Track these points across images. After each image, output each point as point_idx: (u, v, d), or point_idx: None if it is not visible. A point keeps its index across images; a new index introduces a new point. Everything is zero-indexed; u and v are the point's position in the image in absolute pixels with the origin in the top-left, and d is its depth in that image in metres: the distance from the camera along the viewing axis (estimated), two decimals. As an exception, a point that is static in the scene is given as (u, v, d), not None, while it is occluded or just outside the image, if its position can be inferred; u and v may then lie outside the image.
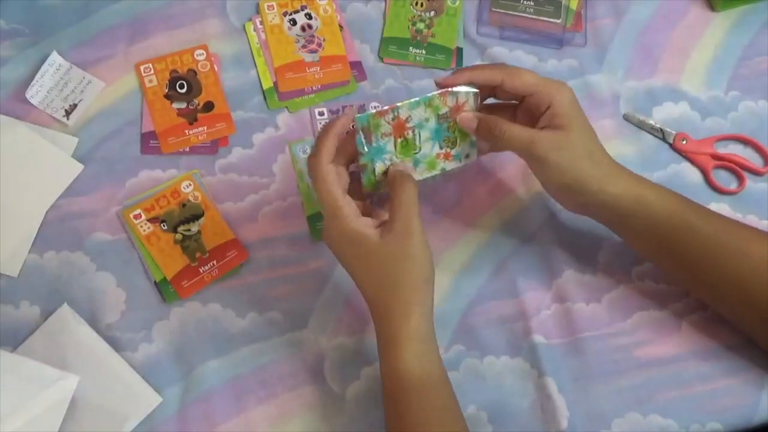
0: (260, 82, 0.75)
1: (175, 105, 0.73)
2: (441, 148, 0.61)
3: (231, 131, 0.72)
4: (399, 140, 0.60)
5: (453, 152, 0.62)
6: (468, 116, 0.60)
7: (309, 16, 0.77)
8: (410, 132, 0.60)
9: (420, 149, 0.61)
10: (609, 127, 0.73)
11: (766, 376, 0.62)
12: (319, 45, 0.76)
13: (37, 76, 0.72)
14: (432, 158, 0.62)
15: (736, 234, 0.60)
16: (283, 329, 0.65)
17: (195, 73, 0.74)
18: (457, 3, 0.78)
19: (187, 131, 0.72)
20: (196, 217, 0.68)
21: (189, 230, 0.68)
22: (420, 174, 0.62)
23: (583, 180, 0.58)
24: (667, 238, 0.60)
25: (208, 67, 0.75)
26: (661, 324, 0.65)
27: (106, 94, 0.74)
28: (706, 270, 0.60)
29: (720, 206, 0.70)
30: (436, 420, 0.55)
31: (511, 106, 0.62)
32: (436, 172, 0.62)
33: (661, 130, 0.73)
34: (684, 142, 0.72)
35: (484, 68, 0.60)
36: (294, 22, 0.77)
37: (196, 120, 0.72)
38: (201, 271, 0.66)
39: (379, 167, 0.60)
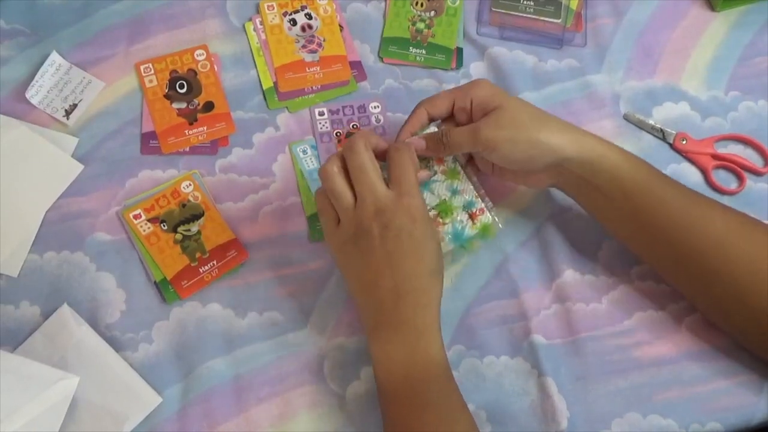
0: (260, 82, 0.75)
1: (175, 105, 0.73)
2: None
3: (231, 131, 0.72)
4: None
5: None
6: (415, 139, 0.62)
7: (309, 16, 0.77)
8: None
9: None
10: (609, 127, 0.73)
11: (766, 377, 0.62)
12: (319, 45, 0.76)
13: (37, 76, 0.72)
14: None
15: (700, 203, 0.60)
16: (283, 329, 0.65)
17: (195, 73, 0.74)
18: (457, 3, 0.78)
19: (187, 131, 0.72)
20: (196, 217, 0.68)
21: (189, 230, 0.68)
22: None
23: (538, 140, 0.59)
24: (629, 198, 0.60)
25: (208, 67, 0.75)
26: (661, 324, 0.65)
27: (106, 94, 0.74)
28: (667, 237, 0.60)
29: (720, 206, 0.70)
30: (461, 406, 0.56)
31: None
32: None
33: (661, 130, 0.73)
34: (684, 142, 0.72)
35: (410, 119, 0.63)
36: (294, 22, 0.77)
37: (196, 120, 0.72)
38: (201, 271, 0.66)
39: None
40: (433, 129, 0.63)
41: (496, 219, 0.64)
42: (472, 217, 0.63)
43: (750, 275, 0.57)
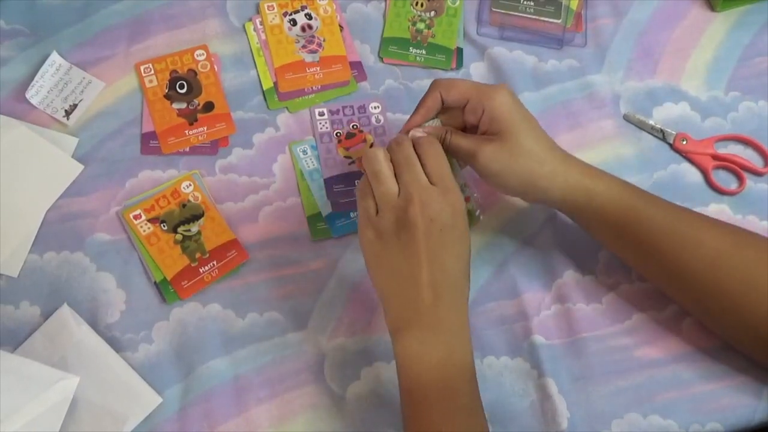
0: (260, 82, 0.75)
1: (175, 105, 0.73)
2: None
3: (231, 131, 0.72)
4: None
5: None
6: (417, 133, 0.61)
7: (309, 17, 0.77)
8: None
9: None
10: (609, 127, 0.73)
11: (766, 377, 0.62)
12: (319, 45, 0.76)
13: (37, 76, 0.72)
14: None
15: (690, 223, 0.60)
16: (283, 329, 0.65)
17: (195, 73, 0.74)
18: (458, 3, 0.78)
19: (187, 131, 0.72)
20: (196, 218, 0.68)
21: (189, 230, 0.68)
22: None
23: (529, 181, 0.59)
24: (619, 228, 0.60)
25: (208, 67, 0.75)
26: (661, 324, 0.65)
27: (106, 94, 0.74)
28: (660, 259, 0.60)
29: (720, 207, 0.70)
30: (483, 409, 0.55)
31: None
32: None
33: (661, 130, 0.73)
34: (684, 143, 0.72)
35: (425, 101, 0.62)
36: (294, 23, 0.77)
37: (196, 120, 0.72)
38: (201, 272, 0.66)
39: None
40: (435, 122, 0.62)
41: (479, 208, 0.64)
42: None
43: (744, 291, 0.57)
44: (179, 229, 0.68)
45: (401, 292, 0.55)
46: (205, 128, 0.72)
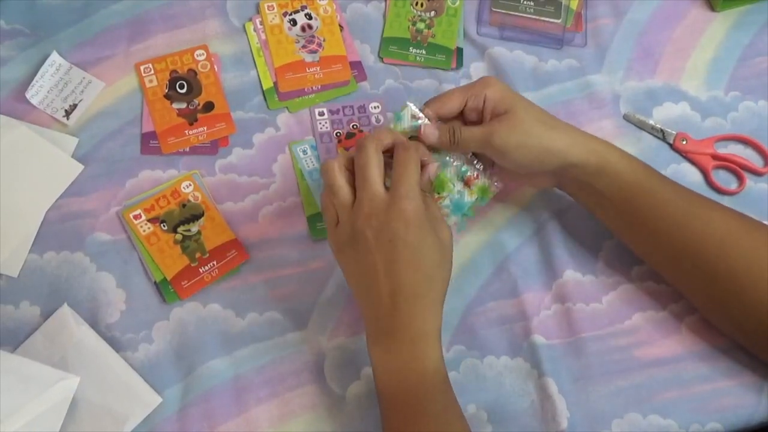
0: (260, 82, 0.75)
1: (175, 105, 0.73)
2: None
3: (231, 131, 0.72)
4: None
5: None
6: (429, 129, 0.61)
7: (309, 16, 0.77)
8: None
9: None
10: (609, 127, 0.73)
11: (766, 377, 0.62)
12: (319, 45, 0.76)
13: (37, 76, 0.72)
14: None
15: (700, 203, 0.61)
16: (283, 329, 0.65)
17: (195, 73, 0.74)
18: (458, 3, 0.78)
19: (187, 131, 0.72)
20: (196, 218, 0.68)
21: (189, 230, 0.68)
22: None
23: (547, 147, 0.59)
24: (629, 201, 0.61)
25: (208, 67, 0.75)
26: (661, 324, 0.65)
27: (106, 94, 0.74)
28: (668, 235, 0.60)
29: (720, 206, 0.70)
30: (458, 416, 0.55)
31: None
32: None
33: (661, 130, 0.73)
34: (684, 143, 0.72)
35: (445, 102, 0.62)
36: (294, 22, 0.77)
37: (196, 120, 0.72)
38: (201, 272, 0.66)
39: None
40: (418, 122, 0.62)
41: (492, 179, 0.63)
42: (467, 183, 0.63)
43: (750, 273, 0.57)
44: (179, 229, 0.68)
45: (365, 301, 0.56)
46: (205, 128, 0.72)
